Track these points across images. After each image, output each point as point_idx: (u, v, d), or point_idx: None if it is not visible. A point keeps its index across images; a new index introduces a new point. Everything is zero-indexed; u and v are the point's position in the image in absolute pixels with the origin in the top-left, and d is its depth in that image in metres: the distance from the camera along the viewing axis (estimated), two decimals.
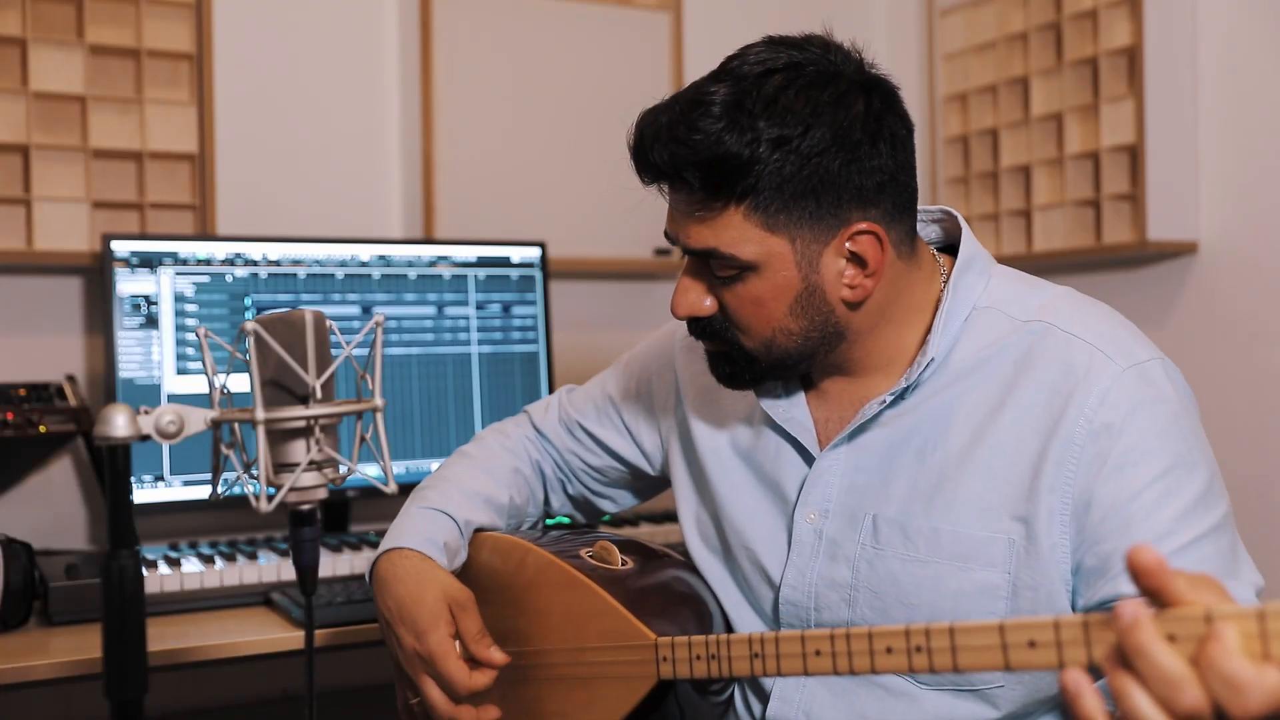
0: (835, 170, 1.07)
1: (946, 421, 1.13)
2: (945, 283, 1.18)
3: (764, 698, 1.23)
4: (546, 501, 1.49)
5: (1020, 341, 1.12)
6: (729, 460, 1.28)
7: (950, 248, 1.23)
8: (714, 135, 1.06)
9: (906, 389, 1.15)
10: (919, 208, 1.19)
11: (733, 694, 1.28)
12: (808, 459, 1.21)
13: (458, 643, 1.21)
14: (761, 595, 1.25)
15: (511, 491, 1.41)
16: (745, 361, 1.16)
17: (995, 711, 1.12)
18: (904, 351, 1.17)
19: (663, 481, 1.45)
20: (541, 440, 1.49)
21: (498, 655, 1.20)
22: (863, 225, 1.10)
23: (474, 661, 1.20)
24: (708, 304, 1.14)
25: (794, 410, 1.23)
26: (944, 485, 1.12)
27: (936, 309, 1.17)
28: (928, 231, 1.25)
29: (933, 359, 1.13)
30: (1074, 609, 1.09)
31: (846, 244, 1.10)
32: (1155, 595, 0.71)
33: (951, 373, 1.14)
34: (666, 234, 1.16)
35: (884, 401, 1.15)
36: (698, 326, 1.16)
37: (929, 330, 1.16)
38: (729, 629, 1.29)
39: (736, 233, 1.08)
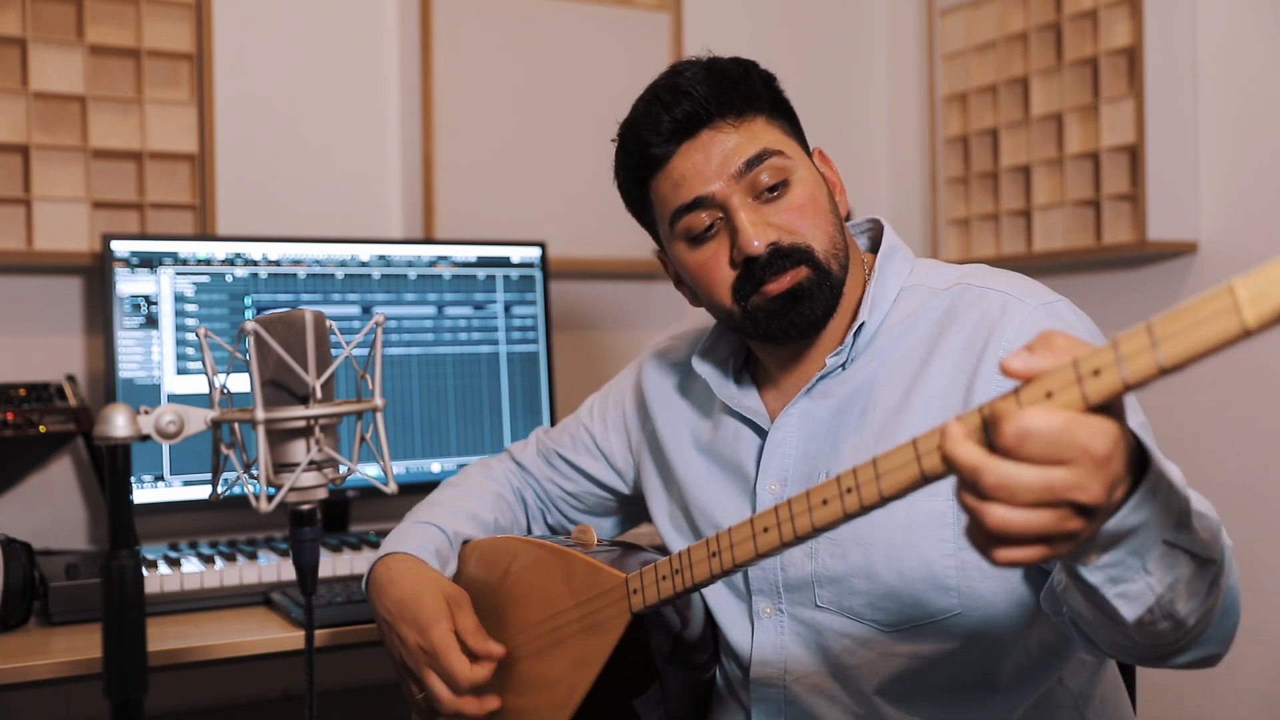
0: (788, 101, 1.30)
1: (883, 382, 1.23)
2: (868, 273, 1.31)
3: (745, 667, 1.27)
4: (529, 530, 1.56)
5: (941, 303, 1.23)
6: (693, 456, 1.37)
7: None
8: (735, 63, 1.25)
9: (846, 359, 1.24)
10: (850, 223, 1.35)
11: (715, 669, 1.33)
12: (762, 435, 1.29)
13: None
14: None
15: (496, 514, 1.48)
16: (820, 277, 1.22)
17: (955, 643, 1.16)
18: (841, 331, 1.28)
19: (637, 503, 1.51)
20: (522, 472, 1.56)
21: (495, 647, 1.25)
22: (817, 147, 1.31)
23: (473, 656, 1.25)
24: (772, 231, 1.21)
25: (748, 399, 1.32)
26: (885, 435, 1.19)
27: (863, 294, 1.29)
28: (860, 243, 1.37)
29: (863, 323, 1.23)
30: None
31: (815, 160, 1.29)
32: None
33: (883, 341, 1.24)
34: (696, 200, 1.21)
35: (824, 367, 1.24)
36: (776, 255, 1.21)
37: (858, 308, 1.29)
38: (705, 606, 1.32)
39: (774, 135, 1.24)
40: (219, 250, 1.94)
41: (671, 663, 1.27)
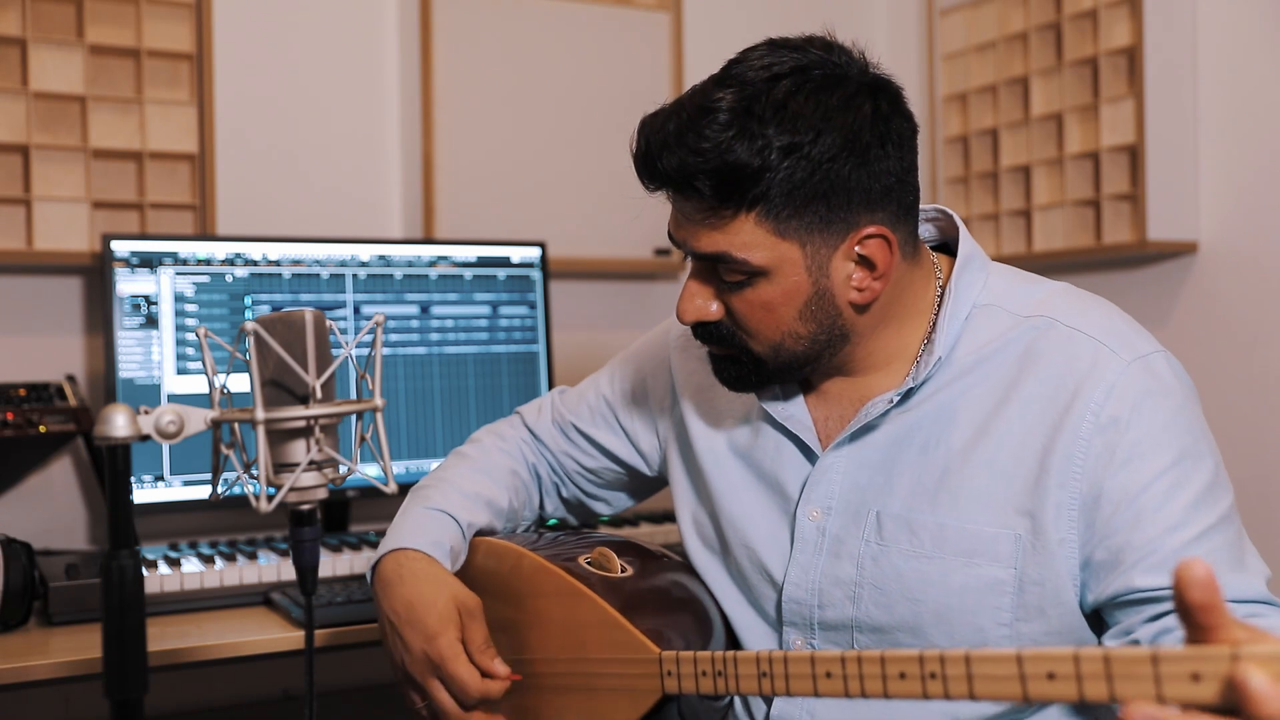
0: (845, 175, 1.07)
1: (950, 418, 1.13)
2: (943, 282, 1.18)
3: (768, 698, 1.22)
4: (541, 505, 1.49)
5: (1022, 336, 1.13)
6: (726, 460, 1.28)
7: (943, 246, 1.24)
8: (724, 143, 1.05)
9: (912, 388, 1.15)
10: None
11: (733, 699, 1.28)
12: (810, 456, 1.21)
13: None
14: (763, 594, 1.24)
15: (510, 495, 1.40)
16: (752, 365, 1.16)
17: (999, 706, 1.12)
18: (904, 350, 1.17)
19: (658, 482, 1.45)
20: (536, 443, 1.48)
21: (501, 668, 1.19)
22: (871, 229, 1.10)
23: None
24: (714, 309, 1.14)
25: (794, 409, 1.23)
26: (948, 481, 1.12)
27: (935, 308, 1.18)
28: (923, 230, 1.25)
29: (940, 358, 1.13)
30: (1081, 603, 1.10)
31: (856, 247, 1.10)
32: (1202, 611, 0.68)
33: (954, 369, 1.14)
34: (671, 237, 1.16)
35: (891, 401, 1.15)
36: (704, 331, 1.16)
37: (931, 329, 1.17)
38: (729, 630, 1.28)
39: (748, 238, 1.08)
40: (219, 250, 1.94)
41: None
